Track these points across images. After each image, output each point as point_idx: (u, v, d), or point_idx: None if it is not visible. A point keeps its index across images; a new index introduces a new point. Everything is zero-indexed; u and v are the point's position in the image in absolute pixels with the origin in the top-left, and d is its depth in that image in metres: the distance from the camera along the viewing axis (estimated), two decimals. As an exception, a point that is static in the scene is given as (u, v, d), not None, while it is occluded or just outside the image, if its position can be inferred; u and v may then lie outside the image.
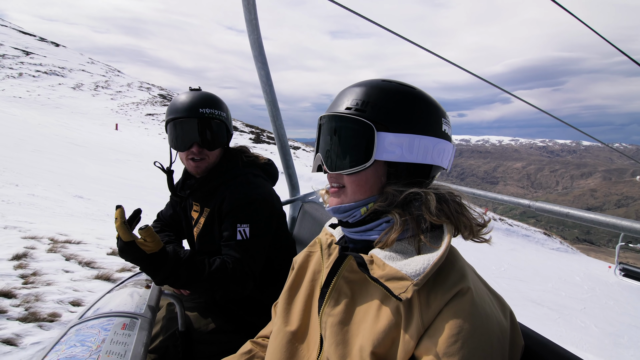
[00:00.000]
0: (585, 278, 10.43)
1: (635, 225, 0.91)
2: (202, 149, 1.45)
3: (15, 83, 28.42)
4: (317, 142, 0.81)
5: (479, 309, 0.61)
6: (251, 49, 1.76)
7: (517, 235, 16.53)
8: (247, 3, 1.59)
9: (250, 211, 1.39)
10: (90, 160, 11.37)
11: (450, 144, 0.77)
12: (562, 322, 6.53)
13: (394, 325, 0.65)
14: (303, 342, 0.83)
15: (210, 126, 1.44)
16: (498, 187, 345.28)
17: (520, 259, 11.88)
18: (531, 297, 7.71)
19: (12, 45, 38.27)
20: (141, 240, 1.12)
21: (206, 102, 1.44)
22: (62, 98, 27.15)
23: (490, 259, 10.62)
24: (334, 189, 0.79)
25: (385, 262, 0.67)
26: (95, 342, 0.82)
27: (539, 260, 12.51)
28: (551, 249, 15.81)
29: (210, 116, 1.43)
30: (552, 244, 16.82)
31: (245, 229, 1.35)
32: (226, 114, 1.52)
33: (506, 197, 1.47)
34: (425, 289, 0.64)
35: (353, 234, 0.78)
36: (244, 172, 1.51)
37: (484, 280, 0.73)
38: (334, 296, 0.77)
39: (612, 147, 3.68)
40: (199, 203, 1.54)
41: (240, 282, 1.28)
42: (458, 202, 0.72)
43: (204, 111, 1.42)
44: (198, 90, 1.51)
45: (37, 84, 29.45)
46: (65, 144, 12.59)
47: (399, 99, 0.73)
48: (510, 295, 7.56)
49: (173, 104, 1.46)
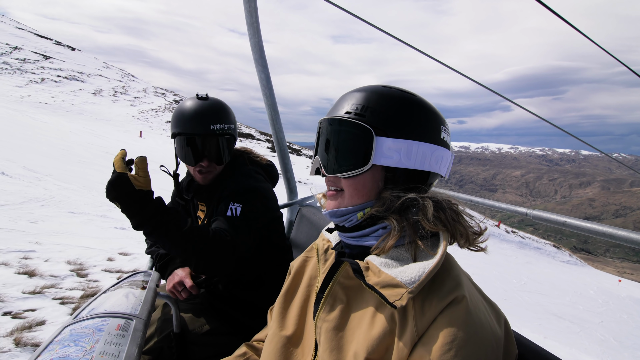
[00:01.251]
0: (599, 292, 11.14)
1: (631, 236, 0.91)
2: (211, 162, 1.45)
3: (39, 88, 29.06)
4: (316, 145, 0.82)
5: (474, 317, 0.61)
6: (252, 52, 1.77)
7: (530, 248, 17.25)
8: (249, 6, 1.60)
9: (247, 196, 1.38)
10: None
11: (448, 151, 0.78)
12: (583, 335, 6.93)
13: (388, 332, 0.65)
14: (298, 346, 0.83)
15: (222, 143, 1.43)
16: (497, 194, 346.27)
17: (536, 272, 12.50)
18: (553, 310, 8.11)
19: (31, 49, 39.12)
20: (134, 175, 1.10)
21: (216, 117, 1.41)
22: (85, 104, 27.85)
23: (510, 273, 11.33)
24: (332, 192, 0.79)
25: (380, 268, 0.67)
26: (89, 343, 0.81)
27: (554, 273, 13.19)
28: (562, 262, 16.55)
29: (221, 132, 1.41)
30: (562, 256, 17.56)
31: (237, 208, 1.33)
32: (234, 124, 1.50)
33: (504, 204, 1.46)
34: (420, 297, 0.64)
35: (349, 239, 0.78)
36: (247, 169, 1.54)
37: (479, 288, 0.73)
38: (329, 302, 0.77)
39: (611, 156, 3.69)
40: (204, 203, 1.55)
41: (219, 253, 1.21)
42: (455, 210, 0.72)
43: (215, 127, 1.39)
44: (206, 99, 1.46)
45: (59, 89, 30.12)
46: (101, 152, 12.99)
47: (398, 105, 0.73)
48: (534, 309, 7.97)
49: (181, 113, 1.42)
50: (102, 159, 12.05)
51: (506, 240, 17.12)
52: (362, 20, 1.88)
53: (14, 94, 25.64)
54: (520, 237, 18.50)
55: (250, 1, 1.59)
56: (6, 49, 36.35)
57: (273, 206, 1.55)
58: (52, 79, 32.52)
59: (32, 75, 31.79)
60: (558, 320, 7.56)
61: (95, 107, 27.88)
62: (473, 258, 11.51)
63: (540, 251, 17.11)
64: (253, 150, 1.68)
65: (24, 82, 29.65)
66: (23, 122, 14.79)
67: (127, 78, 42.48)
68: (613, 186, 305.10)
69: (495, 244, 15.90)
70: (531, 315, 7.53)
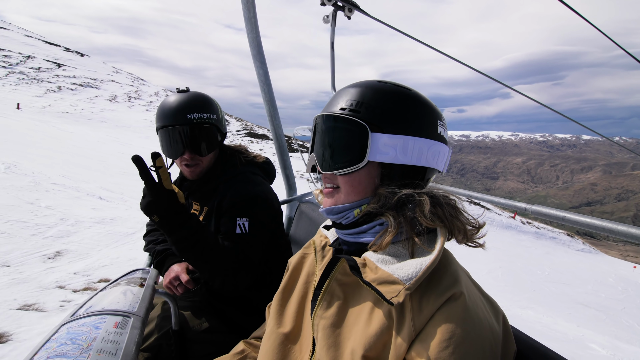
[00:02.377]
0: (617, 279, 11.76)
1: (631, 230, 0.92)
2: (193, 154, 1.42)
3: (58, 97, 29.44)
4: (312, 142, 0.82)
5: (472, 313, 0.61)
6: (250, 48, 1.75)
7: (546, 238, 17.89)
8: (247, 1, 1.59)
9: (251, 207, 1.38)
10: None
11: (445, 146, 0.77)
12: (610, 322, 7.29)
13: (385, 328, 0.65)
14: (296, 343, 0.83)
15: (200, 131, 1.40)
16: (498, 182, 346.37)
17: (556, 262, 12.92)
18: (578, 299, 8.47)
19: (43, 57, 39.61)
20: (179, 192, 1.08)
21: (194, 106, 1.39)
22: (104, 111, 28.32)
23: (532, 264, 11.94)
24: (328, 189, 0.79)
25: (377, 265, 0.67)
26: (86, 340, 0.80)
27: (572, 262, 13.77)
28: (577, 250, 17.24)
29: (199, 121, 1.39)
30: (577, 244, 18.25)
31: (245, 223, 1.33)
32: (216, 114, 1.46)
33: (502, 200, 1.46)
34: (418, 293, 0.63)
35: (347, 236, 0.78)
36: (243, 171, 1.50)
37: (477, 284, 0.73)
38: (326, 298, 0.76)
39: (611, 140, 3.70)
40: (198, 202, 1.53)
41: (240, 272, 1.26)
42: (452, 206, 0.72)
43: (192, 117, 1.38)
44: (186, 91, 1.46)
45: (77, 97, 30.52)
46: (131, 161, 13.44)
47: (393, 100, 0.73)
48: (561, 298, 8.32)
49: (161, 108, 1.42)
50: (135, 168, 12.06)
51: (523, 231, 17.78)
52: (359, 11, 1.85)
53: (35, 104, 26.25)
54: (535, 228, 19.20)
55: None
56: (20, 59, 36.80)
57: (276, 209, 1.55)
58: (68, 87, 33.02)
59: (49, 84, 32.29)
60: (584, 309, 7.92)
61: (114, 114, 28.44)
62: (497, 251, 12.23)
63: (556, 240, 17.84)
64: (247, 148, 1.65)
65: (42, 91, 30.18)
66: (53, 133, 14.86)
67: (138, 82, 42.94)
68: (615, 170, 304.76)
69: (513, 236, 16.57)
70: (560, 305, 7.88)
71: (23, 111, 22.39)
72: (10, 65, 34.37)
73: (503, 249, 13.18)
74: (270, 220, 1.49)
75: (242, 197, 1.39)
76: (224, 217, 1.37)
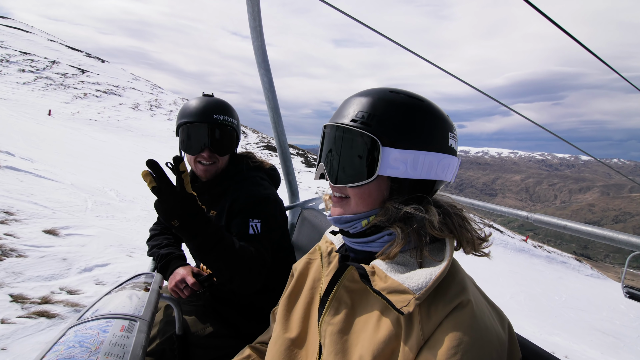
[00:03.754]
0: (629, 306, 11.80)
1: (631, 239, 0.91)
2: (212, 153, 1.47)
3: (84, 104, 29.96)
4: (320, 151, 0.81)
5: (479, 321, 0.62)
6: (255, 56, 1.78)
7: (557, 262, 18.35)
8: (252, 10, 1.61)
9: (262, 208, 1.40)
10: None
11: (455, 158, 0.77)
12: (628, 350, 7.42)
13: (394, 336, 0.65)
14: (302, 348, 0.83)
15: (222, 132, 1.47)
16: (497, 199, 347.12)
17: (570, 287, 12.58)
18: (596, 326, 8.52)
19: (67, 62, 40.65)
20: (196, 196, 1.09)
21: (219, 109, 1.47)
22: (129, 119, 28.91)
23: (549, 289, 12.16)
24: (337, 198, 0.79)
25: (387, 274, 0.67)
26: (94, 344, 0.81)
27: (584, 288, 13.74)
28: (586, 275, 17.81)
29: (223, 122, 1.46)
30: (585, 270, 18.72)
31: (257, 224, 1.35)
32: (237, 121, 1.55)
33: (505, 208, 1.44)
34: (426, 301, 0.64)
35: (354, 244, 0.78)
36: (252, 175, 1.53)
37: (483, 292, 0.73)
38: (334, 305, 0.76)
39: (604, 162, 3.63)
40: (205, 206, 1.54)
41: (254, 272, 1.26)
42: (461, 216, 0.72)
43: (217, 117, 1.45)
44: (211, 96, 1.54)
45: (102, 104, 31.01)
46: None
47: (406, 114, 0.71)
48: (580, 325, 8.40)
49: (186, 107, 1.48)
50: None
51: (535, 255, 18.39)
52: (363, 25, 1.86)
53: (64, 111, 27.04)
54: (546, 252, 19.91)
55: (253, 5, 1.61)
56: (46, 64, 37.75)
57: (283, 212, 1.57)
58: (94, 94, 33.69)
59: (75, 91, 32.96)
60: (604, 336, 7.99)
61: (138, 123, 29.15)
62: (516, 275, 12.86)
63: (566, 265, 18.51)
64: (254, 154, 1.69)
65: (69, 97, 30.86)
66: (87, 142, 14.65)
67: (157, 90, 43.83)
68: (612, 192, 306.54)
69: (527, 259, 17.16)
70: (581, 332, 7.95)
71: (54, 118, 23.16)
72: (37, 70, 35.21)
73: (521, 272, 13.76)
74: (281, 220, 1.52)
75: (254, 198, 1.42)
76: (237, 218, 1.39)
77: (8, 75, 31.46)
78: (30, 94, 28.53)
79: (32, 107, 23.86)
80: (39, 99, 27.70)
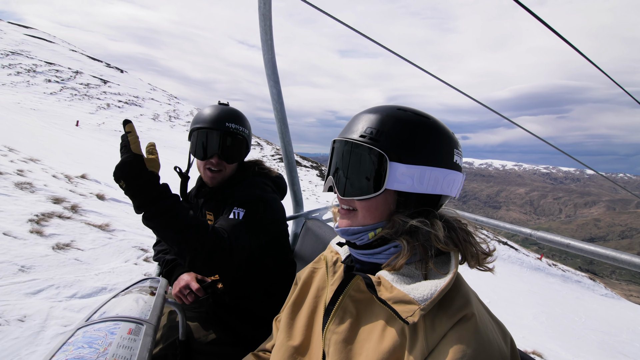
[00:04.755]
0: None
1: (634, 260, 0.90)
2: (221, 160, 1.49)
3: (108, 115, 30.24)
4: (329, 164, 0.84)
5: (482, 334, 0.62)
6: (265, 68, 1.82)
7: (572, 281, 18.32)
8: (265, 25, 1.65)
9: (251, 203, 1.40)
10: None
11: (460, 174, 0.79)
12: None
13: (398, 346, 0.66)
14: (305, 356, 0.84)
15: (233, 140, 1.50)
16: (500, 211, 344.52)
17: (588, 307, 12.44)
18: (617, 349, 8.40)
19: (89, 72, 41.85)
20: (149, 157, 1.09)
21: (232, 118, 1.50)
22: (150, 131, 29.37)
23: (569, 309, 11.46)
24: (344, 210, 0.81)
25: (393, 284, 0.68)
26: (102, 345, 0.82)
27: (602, 308, 13.33)
28: (601, 295, 17.92)
29: (235, 131, 1.49)
30: (599, 289, 18.89)
31: (240, 212, 1.34)
32: (248, 130, 1.57)
33: (508, 224, 1.47)
34: (431, 313, 0.65)
35: (360, 255, 0.80)
36: (254, 180, 1.56)
37: (486, 306, 0.74)
38: (339, 314, 0.78)
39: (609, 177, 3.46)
40: (212, 212, 1.57)
41: (216, 250, 1.17)
42: (465, 230, 0.74)
43: (229, 125, 1.48)
44: (226, 105, 1.58)
45: (124, 115, 30.96)
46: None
47: (413, 131, 0.74)
48: (603, 347, 8.32)
49: (201, 114, 1.52)
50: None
51: (551, 274, 18.48)
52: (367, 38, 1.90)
53: (90, 122, 27.79)
54: (561, 271, 20.12)
55: (265, 20, 1.64)
56: (70, 74, 38.92)
57: (279, 217, 1.55)
58: (116, 105, 34.43)
59: (99, 101, 33.70)
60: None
61: (159, 134, 29.77)
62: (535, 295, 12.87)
63: (581, 284, 18.68)
64: (263, 162, 1.72)
65: (94, 108, 31.58)
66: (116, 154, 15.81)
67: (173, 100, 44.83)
68: (619, 207, 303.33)
69: (543, 278, 17.22)
70: (606, 355, 7.89)
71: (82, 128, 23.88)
72: (62, 80, 36.36)
73: (539, 292, 13.78)
74: (269, 221, 1.47)
75: (246, 195, 1.43)
76: (225, 209, 1.41)
77: (36, 86, 32.52)
78: (57, 104, 29.34)
79: (60, 118, 24.38)
80: (66, 109, 28.46)
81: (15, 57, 38.13)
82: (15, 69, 34.63)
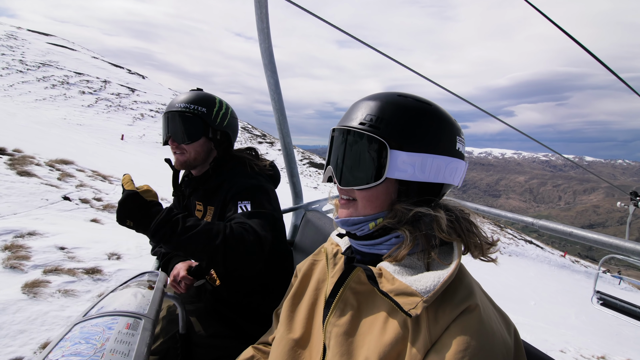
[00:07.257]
0: None
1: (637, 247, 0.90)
2: (174, 143, 1.46)
3: (145, 125, 29.41)
4: (328, 154, 0.82)
5: (486, 326, 0.61)
6: (262, 58, 1.78)
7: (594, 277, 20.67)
8: (260, 13, 1.62)
9: (252, 193, 1.39)
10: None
11: (462, 162, 0.77)
12: None
13: (400, 338, 0.65)
14: (305, 349, 0.83)
15: (183, 120, 1.44)
16: (500, 200, 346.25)
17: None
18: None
19: (116, 81, 42.62)
20: (142, 189, 1.11)
21: (186, 99, 1.45)
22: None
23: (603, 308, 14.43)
24: (344, 200, 0.79)
25: (394, 276, 0.67)
26: (99, 340, 0.81)
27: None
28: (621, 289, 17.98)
29: (184, 110, 1.42)
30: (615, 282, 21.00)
31: (247, 205, 1.34)
32: (207, 108, 1.47)
33: (510, 214, 1.45)
34: (434, 305, 0.64)
35: (361, 247, 0.78)
36: (247, 171, 1.52)
37: (490, 296, 0.73)
38: (339, 306, 0.76)
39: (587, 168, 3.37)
40: (201, 202, 1.54)
41: (245, 249, 1.14)
42: (469, 220, 0.73)
43: (180, 106, 1.43)
44: (195, 90, 1.53)
45: (158, 124, 29.91)
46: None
47: (414, 117, 0.72)
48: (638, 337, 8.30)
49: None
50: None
51: (576, 270, 18.98)
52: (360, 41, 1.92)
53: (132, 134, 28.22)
54: (584, 267, 21.26)
55: (261, 8, 1.62)
56: (99, 84, 39.41)
57: (276, 206, 1.52)
58: (149, 114, 34.22)
59: (132, 112, 33.44)
60: None
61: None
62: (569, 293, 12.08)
63: (603, 279, 20.68)
64: (257, 150, 1.69)
65: (130, 119, 31.54)
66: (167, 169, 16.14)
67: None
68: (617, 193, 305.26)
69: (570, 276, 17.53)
70: None
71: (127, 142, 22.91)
72: (95, 92, 36.78)
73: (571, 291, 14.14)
74: (272, 208, 1.44)
75: (245, 186, 1.41)
76: (228, 206, 1.40)
77: (72, 99, 32.66)
78: (97, 117, 29.58)
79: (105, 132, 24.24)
80: (106, 122, 28.78)
81: (47, 68, 38.74)
82: (49, 82, 34.78)
